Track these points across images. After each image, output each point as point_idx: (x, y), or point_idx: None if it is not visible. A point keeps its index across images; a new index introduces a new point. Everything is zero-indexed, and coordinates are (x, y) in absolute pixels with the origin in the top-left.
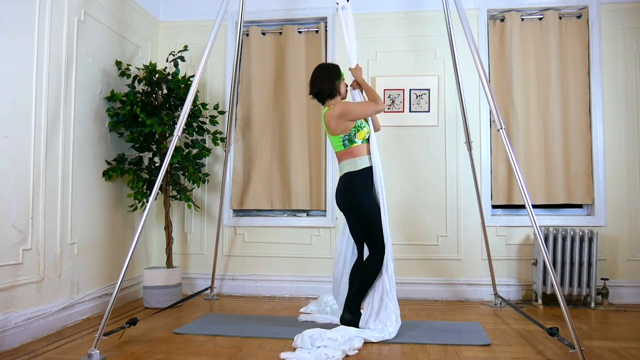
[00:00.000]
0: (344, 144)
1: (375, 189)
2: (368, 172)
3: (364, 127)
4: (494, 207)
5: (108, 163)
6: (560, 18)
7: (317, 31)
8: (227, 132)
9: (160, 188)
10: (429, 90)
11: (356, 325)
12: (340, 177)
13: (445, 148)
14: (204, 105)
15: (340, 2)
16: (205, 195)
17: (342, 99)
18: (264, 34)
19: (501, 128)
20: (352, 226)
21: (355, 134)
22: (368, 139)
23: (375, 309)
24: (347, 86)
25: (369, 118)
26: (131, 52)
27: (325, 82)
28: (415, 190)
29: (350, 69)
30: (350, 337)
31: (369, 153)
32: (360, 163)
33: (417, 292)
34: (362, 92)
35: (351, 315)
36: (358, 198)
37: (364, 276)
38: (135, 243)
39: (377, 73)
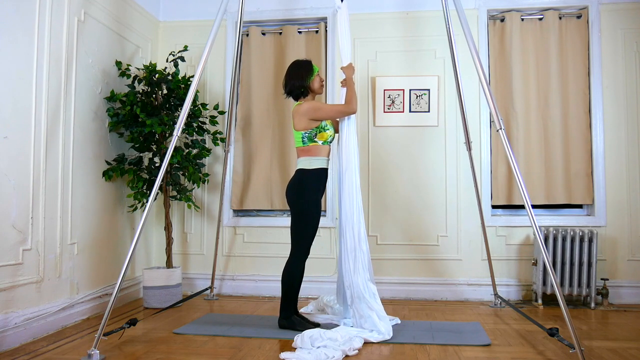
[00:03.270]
0: (303, 141)
1: (340, 195)
2: (320, 173)
3: (328, 129)
4: (493, 207)
5: (108, 163)
6: (560, 18)
7: (317, 31)
8: (227, 132)
9: (160, 188)
10: (429, 90)
11: (294, 328)
12: (295, 173)
13: (445, 148)
14: (203, 105)
15: (336, 2)
16: (205, 196)
17: (318, 94)
18: (264, 34)
19: (500, 128)
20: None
21: (316, 134)
22: (331, 142)
23: (361, 321)
24: (322, 81)
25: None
26: (131, 52)
27: (296, 80)
28: (415, 190)
29: (341, 68)
30: (350, 337)
31: (327, 155)
32: (315, 163)
33: (417, 292)
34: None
35: (285, 321)
36: (300, 195)
37: (286, 280)
38: (135, 243)
39: (377, 73)
